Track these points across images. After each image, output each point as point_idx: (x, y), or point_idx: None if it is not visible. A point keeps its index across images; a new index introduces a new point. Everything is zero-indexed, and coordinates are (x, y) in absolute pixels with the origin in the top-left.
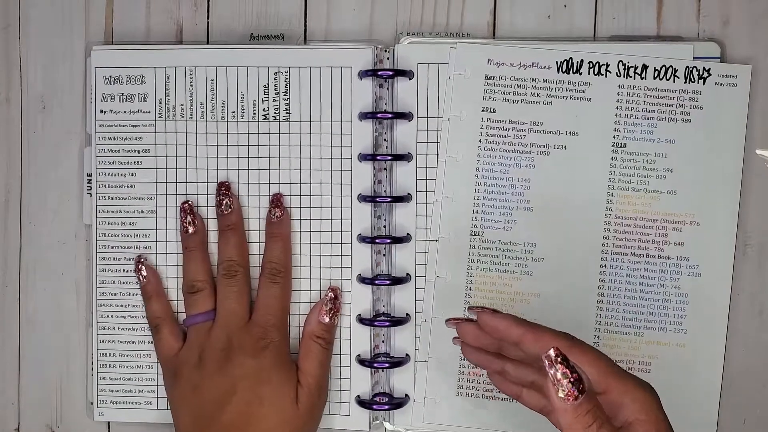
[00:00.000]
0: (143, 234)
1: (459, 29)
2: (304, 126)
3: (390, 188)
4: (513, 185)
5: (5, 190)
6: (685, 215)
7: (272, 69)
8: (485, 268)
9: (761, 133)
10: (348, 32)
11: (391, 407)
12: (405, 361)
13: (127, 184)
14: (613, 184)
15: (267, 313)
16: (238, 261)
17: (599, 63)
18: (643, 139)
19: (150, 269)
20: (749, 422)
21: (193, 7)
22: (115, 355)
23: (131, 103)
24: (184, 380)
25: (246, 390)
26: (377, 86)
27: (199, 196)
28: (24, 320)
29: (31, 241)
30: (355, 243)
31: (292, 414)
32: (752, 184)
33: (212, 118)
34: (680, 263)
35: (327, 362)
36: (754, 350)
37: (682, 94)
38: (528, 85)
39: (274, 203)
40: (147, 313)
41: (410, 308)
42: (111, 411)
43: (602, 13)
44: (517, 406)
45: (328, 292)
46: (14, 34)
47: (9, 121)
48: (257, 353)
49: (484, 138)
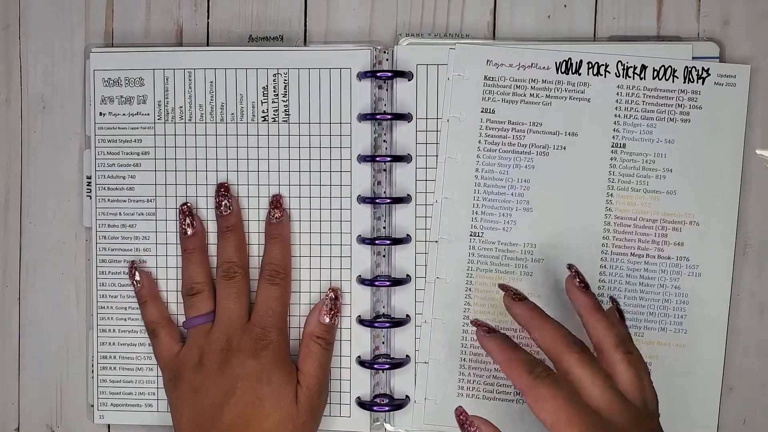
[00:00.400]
0: (143, 236)
1: (459, 30)
2: (303, 127)
3: (389, 189)
4: (512, 186)
5: (5, 190)
6: (684, 215)
7: (271, 70)
8: (485, 269)
9: (761, 132)
10: (347, 33)
11: (391, 408)
12: (405, 362)
13: (126, 186)
14: (613, 185)
15: (266, 314)
16: (237, 262)
17: (598, 63)
18: (643, 139)
19: (144, 274)
20: (749, 422)
21: (193, 7)
22: (116, 358)
23: (130, 105)
24: (184, 382)
25: (246, 391)
26: (376, 87)
27: (199, 197)
28: (24, 320)
29: (31, 242)
30: (355, 244)
31: (292, 414)
32: (752, 184)
33: (211, 120)
34: (680, 263)
35: (327, 363)
36: (754, 350)
37: (681, 94)
38: (527, 86)
39: (273, 204)
40: (143, 318)
41: (410, 309)
42: (111, 413)
43: (602, 13)
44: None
45: (329, 292)
46: (14, 34)
47: (9, 121)
48: (257, 354)
49: (484, 139)
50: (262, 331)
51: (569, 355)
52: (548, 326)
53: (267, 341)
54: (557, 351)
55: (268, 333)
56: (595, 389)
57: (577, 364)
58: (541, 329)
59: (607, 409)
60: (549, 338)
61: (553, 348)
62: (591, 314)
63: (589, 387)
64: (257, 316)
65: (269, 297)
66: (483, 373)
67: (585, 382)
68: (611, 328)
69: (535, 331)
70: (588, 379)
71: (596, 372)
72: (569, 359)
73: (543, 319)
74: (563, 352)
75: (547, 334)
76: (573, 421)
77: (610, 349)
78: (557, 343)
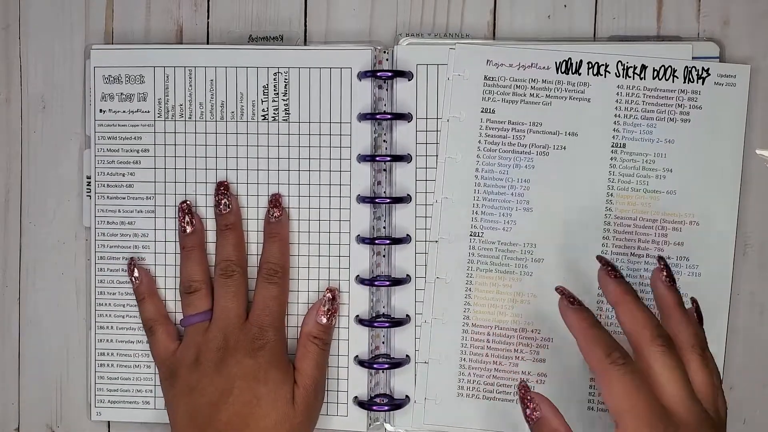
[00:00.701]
0: (142, 234)
1: (459, 30)
2: (303, 126)
3: (389, 189)
4: (512, 186)
5: (5, 190)
6: (684, 215)
7: (272, 69)
8: (485, 269)
9: (761, 132)
10: (347, 33)
11: (391, 408)
12: (405, 362)
13: (126, 184)
14: (613, 185)
15: (264, 313)
16: (235, 261)
17: (598, 63)
18: (643, 139)
19: (143, 271)
20: (749, 422)
21: (193, 7)
22: (114, 355)
23: (130, 102)
24: (181, 380)
25: (243, 390)
26: (376, 87)
27: (198, 196)
28: (24, 320)
29: (31, 241)
30: (354, 244)
31: (288, 414)
32: (752, 183)
33: (211, 118)
34: (680, 263)
35: (324, 363)
36: (754, 350)
37: (681, 94)
38: (527, 86)
39: (272, 203)
40: (141, 315)
41: (410, 309)
42: (109, 411)
43: (602, 13)
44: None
45: (326, 293)
46: (14, 34)
47: (9, 121)
48: (254, 353)
49: (484, 139)
50: (259, 331)
51: (654, 346)
52: (638, 312)
53: (264, 340)
54: (642, 338)
55: (265, 332)
56: (671, 386)
57: (659, 357)
58: (631, 313)
59: (677, 408)
60: (637, 323)
61: (637, 334)
62: (673, 310)
63: (666, 382)
64: (255, 315)
65: (267, 296)
66: (483, 373)
67: (663, 376)
68: (690, 326)
69: (624, 313)
70: (666, 374)
71: (676, 368)
72: (653, 350)
73: (635, 304)
74: (648, 342)
75: (635, 319)
76: (638, 411)
77: (687, 347)
78: (645, 330)
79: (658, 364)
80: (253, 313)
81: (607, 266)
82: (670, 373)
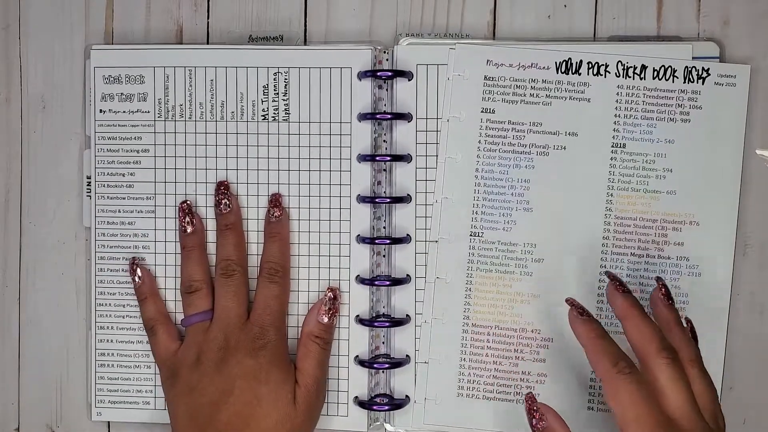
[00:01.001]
0: (142, 234)
1: (459, 30)
2: (303, 126)
3: (389, 189)
4: (512, 186)
5: (5, 190)
6: (684, 215)
7: (272, 69)
8: (485, 269)
9: (761, 132)
10: (347, 33)
11: (391, 408)
12: (405, 362)
13: (126, 184)
14: (613, 185)
15: (265, 312)
16: (235, 260)
17: (598, 63)
18: (643, 139)
19: (145, 270)
20: (749, 422)
21: (193, 7)
22: (114, 355)
23: (131, 102)
24: (182, 380)
25: (244, 390)
26: (376, 87)
27: (198, 195)
28: (24, 320)
29: (31, 241)
30: (354, 244)
31: (289, 414)
32: (752, 184)
33: (211, 118)
34: (680, 263)
35: (325, 363)
36: (754, 350)
37: (681, 94)
38: (527, 86)
39: (273, 203)
40: (142, 315)
41: (410, 309)
42: (109, 411)
43: (602, 13)
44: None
45: (327, 292)
46: (14, 34)
47: (9, 121)
48: (255, 353)
49: (484, 139)
50: (260, 330)
51: (660, 358)
52: (645, 326)
53: (265, 340)
54: (648, 351)
55: (266, 332)
56: (675, 396)
57: (665, 369)
58: (638, 327)
59: (681, 418)
60: (644, 337)
61: (643, 347)
62: (672, 328)
63: (671, 393)
64: (256, 314)
65: (268, 296)
66: (483, 373)
67: (668, 387)
68: (689, 343)
69: (631, 327)
70: (671, 385)
71: (680, 380)
72: (659, 362)
73: (641, 318)
74: (654, 354)
75: (642, 333)
76: (643, 419)
77: (687, 362)
78: (651, 343)
79: (664, 376)
80: (254, 312)
81: (615, 281)
82: (675, 384)
